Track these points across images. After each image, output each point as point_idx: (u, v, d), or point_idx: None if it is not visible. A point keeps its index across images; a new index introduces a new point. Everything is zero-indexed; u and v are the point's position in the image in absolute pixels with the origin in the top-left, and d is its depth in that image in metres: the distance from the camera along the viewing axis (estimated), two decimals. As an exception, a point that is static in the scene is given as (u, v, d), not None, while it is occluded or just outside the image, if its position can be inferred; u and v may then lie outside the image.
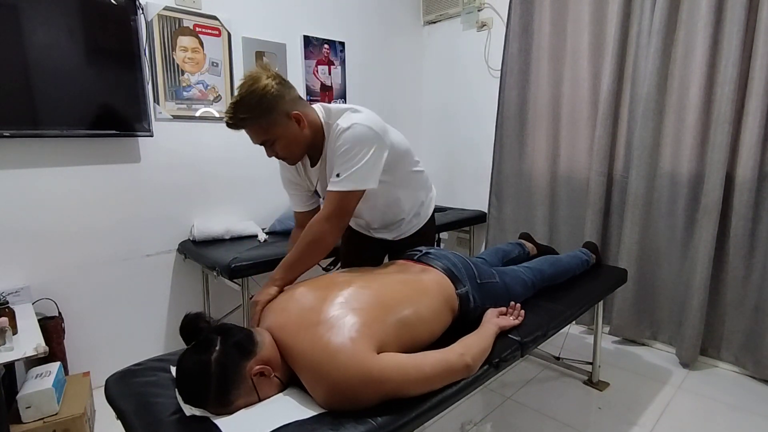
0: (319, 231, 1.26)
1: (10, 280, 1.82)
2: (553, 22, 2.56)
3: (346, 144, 1.22)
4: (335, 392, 0.92)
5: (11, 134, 1.73)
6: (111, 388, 1.10)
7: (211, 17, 2.28)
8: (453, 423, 1.78)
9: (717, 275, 2.13)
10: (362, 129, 1.23)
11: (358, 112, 1.29)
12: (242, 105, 1.18)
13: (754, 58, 1.94)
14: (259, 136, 1.24)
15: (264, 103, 1.18)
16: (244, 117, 1.18)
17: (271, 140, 1.24)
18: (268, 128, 1.22)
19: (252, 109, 1.18)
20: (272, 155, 1.29)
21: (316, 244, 1.26)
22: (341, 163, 1.23)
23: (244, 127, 1.22)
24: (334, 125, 1.27)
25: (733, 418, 1.81)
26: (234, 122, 1.20)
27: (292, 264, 1.27)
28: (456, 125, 3.25)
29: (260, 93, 1.17)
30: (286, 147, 1.27)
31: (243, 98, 1.18)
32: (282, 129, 1.23)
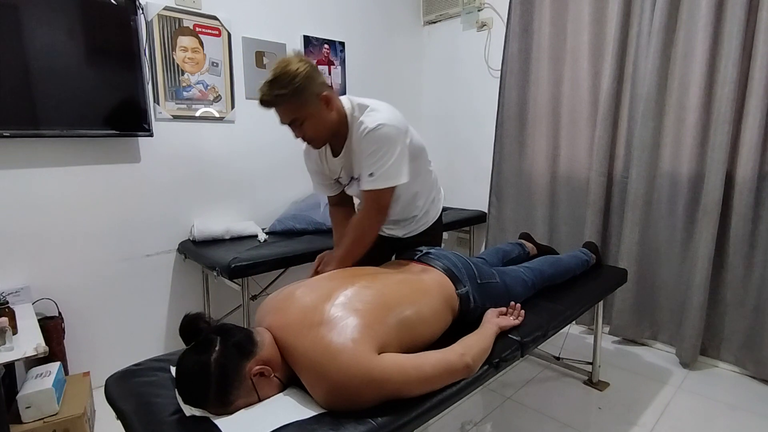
0: (361, 228, 1.40)
1: (10, 280, 1.82)
2: (553, 22, 2.56)
3: (374, 145, 1.31)
4: (336, 392, 0.92)
5: (11, 134, 1.73)
6: (111, 388, 1.10)
7: (211, 17, 2.28)
8: (453, 423, 1.78)
9: (717, 275, 2.13)
10: (388, 129, 1.31)
11: (379, 111, 1.35)
12: (276, 83, 1.23)
13: (754, 58, 1.94)
14: (289, 115, 1.28)
15: (297, 82, 1.23)
16: (278, 94, 1.23)
17: (300, 119, 1.29)
18: (299, 107, 1.26)
19: (285, 87, 1.23)
20: (299, 136, 1.34)
21: (360, 240, 1.40)
22: (372, 162, 1.32)
23: (277, 105, 1.27)
24: (358, 122, 1.34)
25: (733, 418, 1.81)
26: (268, 99, 1.25)
27: (343, 259, 1.39)
28: (456, 125, 3.25)
29: (293, 73, 1.23)
30: (314, 127, 1.31)
31: (277, 77, 1.23)
32: (312, 109, 1.28)
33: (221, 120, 2.39)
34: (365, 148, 1.32)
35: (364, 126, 1.31)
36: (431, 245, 1.64)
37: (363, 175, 1.35)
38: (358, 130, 1.33)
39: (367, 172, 1.33)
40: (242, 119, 2.47)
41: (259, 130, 2.52)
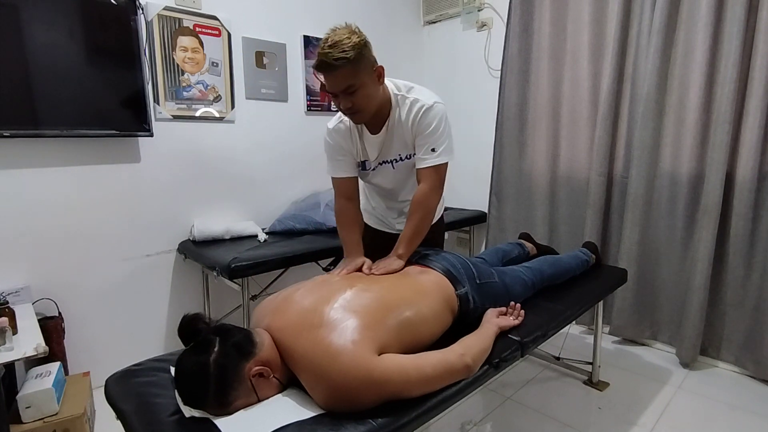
0: (429, 203, 1.42)
1: (10, 280, 1.82)
2: (553, 22, 2.56)
3: (434, 120, 1.36)
4: (336, 393, 0.92)
5: (11, 134, 1.73)
6: (111, 388, 1.10)
7: (211, 17, 2.28)
8: (453, 423, 1.78)
9: (717, 275, 2.13)
10: (442, 107, 1.39)
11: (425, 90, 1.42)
12: (339, 46, 1.21)
13: (754, 58, 1.94)
14: (346, 80, 1.25)
15: (358, 48, 1.22)
16: (340, 57, 1.21)
17: (354, 87, 1.26)
18: (357, 73, 1.25)
19: (347, 51, 1.21)
20: (347, 105, 1.30)
21: (429, 215, 1.44)
22: (435, 138, 1.37)
23: (337, 68, 1.23)
24: (411, 99, 1.38)
25: (733, 418, 1.81)
26: (329, 62, 1.21)
27: (411, 238, 1.40)
28: (456, 125, 3.20)
29: (354, 39, 1.22)
30: (365, 98, 1.30)
31: (340, 41, 1.21)
32: (366, 78, 1.28)
33: (221, 120, 2.39)
34: (424, 124, 1.36)
35: (421, 103, 1.36)
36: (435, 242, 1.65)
37: (423, 153, 1.39)
38: (413, 107, 1.37)
39: (429, 148, 1.37)
40: (242, 119, 2.47)
41: (259, 130, 2.52)
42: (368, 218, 1.78)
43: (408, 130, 1.40)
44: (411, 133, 1.40)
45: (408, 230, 1.41)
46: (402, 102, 1.39)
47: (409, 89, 1.41)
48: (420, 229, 1.41)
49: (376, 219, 1.76)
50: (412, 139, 1.42)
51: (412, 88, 1.41)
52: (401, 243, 1.40)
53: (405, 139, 1.43)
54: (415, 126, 1.38)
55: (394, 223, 1.70)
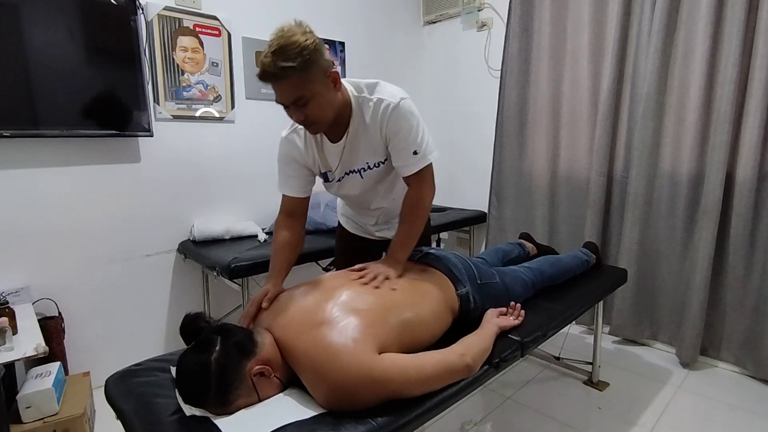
0: (422, 204, 1.33)
1: (10, 280, 1.82)
2: (553, 22, 2.56)
3: (405, 119, 1.23)
4: (336, 393, 0.92)
5: (11, 134, 1.73)
6: (111, 388, 1.10)
7: (211, 17, 2.28)
8: (453, 423, 1.78)
9: (717, 275, 2.13)
10: (409, 102, 1.24)
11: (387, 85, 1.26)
12: (283, 53, 1.05)
13: (754, 59, 1.94)
14: (295, 92, 1.11)
15: (306, 54, 1.07)
16: (285, 66, 1.05)
17: (305, 98, 1.12)
18: (306, 82, 1.10)
19: (292, 58, 1.05)
20: (300, 118, 1.17)
21: (424, 215, 1.35)
22: (412, 140, 1.25)
23: (282, 78, 1.08)
24: (374, 99, 1.23)
25: (733, 418, 1.81)
26: (273, 71, 1.07)
27: (406, 240, 1.32)
28: (456, 125, 3.25)
29: (302, 44, 1.06)
30: (319, 108, 1.15)
31: (284, 47, 1.06)
32: (319, 86, 1.12)
33: (221, 120, 2.39)
34: (396, 126, 1.22)
35: (386, 102, 1.21)
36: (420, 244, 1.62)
37: (405, 158, 1.26)
38: (378, 108, 1.22)
39: (409, 152, 1.25)
40: (242, 119, 2.47)
41: (259, 130, 2.52)
42: (346, 223, 1.68)
43: (376, 135, 1.26)
44: (381, 137, 1.26)
45: (403, 232, 1.33)
46: (364, 104, 1.24)
47: (371, 88, 1.25)
48: (415, 231, 1.33)
49: (354, 224, 1.65)
50: (382, 143, 1.28)
51: (374, 86, 1.25)
52: (397, 247, 1.31)
53: (373, 145, 1.28)
54: (385, 128, 1.24)
55: (372, 230, 1.59)
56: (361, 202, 1.50)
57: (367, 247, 1.63)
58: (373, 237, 1.61)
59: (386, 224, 1.57)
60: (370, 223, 1.58)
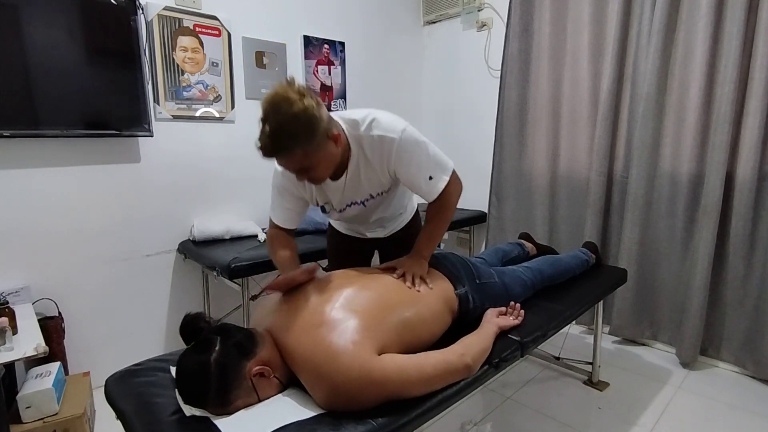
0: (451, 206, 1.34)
1: (10, 280, 1.82)
2: (553, 22, 2.56)
3: (411, 151, 1.22)
4: (336, 393, 0.92)
5: (11, 134, 1.73)
6: (111, 388, 1.10)
7: (211, 17, 2.28)
8: (453, 423, 1.78)
9: (717, 275, 2.13)
10: (410, 132, 1.22)
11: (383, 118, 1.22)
12: (285, 131, 1.03)
13: (754, 58, 1.94)
14: (299, 163, 1.10)
15: (308, 127, 1.04)
16: (287, 146, 1.05)
17: (310, 166, 1.11)
18: (310, 154, 1.08)
19: (296, 136, 1.04)
20: (303, 179, 1.17)
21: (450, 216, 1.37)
22: (425, 167, 1.26)
23: (285, 156, 1.08)
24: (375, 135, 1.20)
25: (733, 418, 1.81)
26: (276, 151, 1.06)
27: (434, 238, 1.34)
28: (456, 125, 3.25)
29: (303, 116, 1.03)
30: (323, 169, 1.15)
31: (284, 124, 1.02)
32: (323, 152, 1.11)
33: (221, 120, 2.39)
34: (405, 160, 1.22)
35: (389, 138, 1.19)
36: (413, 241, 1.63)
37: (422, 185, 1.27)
38: (381, 145, 1.20)
39: (425, 178, 1.26)
40: (242, 119, 2.47)
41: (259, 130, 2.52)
42: (338, 225, 1.67)
43: (380, 169, 1.25)
44: (386, 171, 1.26)
45: (429, 231, 1.35)
46: (364, 140, 1.21)
47: (368, 124, 1.20)
48: (441, 230, 1.37)
49: (346, 226, 1.64)
50: (387, 176, 1.28)
51: (371, 122, 1.20)
52: (423, 245, 1.33)
53: (377, 178, 1.28)
54: (392, 164, 1.23)
55: (365, 231, 1.60)
56: (360, 219, 1.51)
57: (359, 247, 1.64)
58: (365, 236, 1.61)
59: (380, 227, 1.58)
60: (363, 228, 1.59)
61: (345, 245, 1.66)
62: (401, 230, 1.61)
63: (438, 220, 1.36)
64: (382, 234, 1.60)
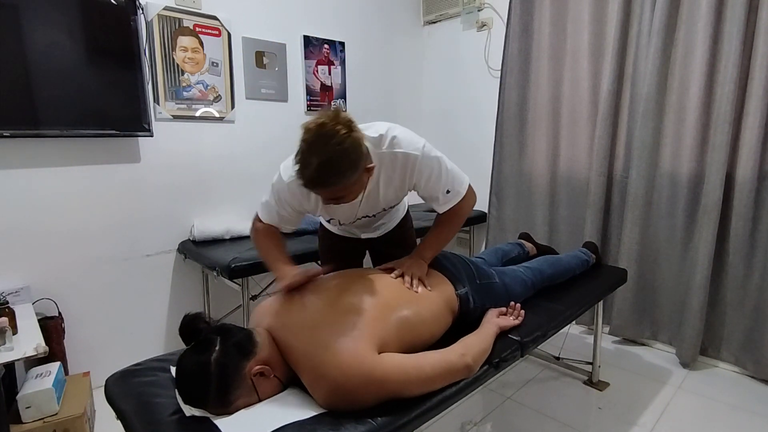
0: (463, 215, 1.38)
1: (10, 280, 1.82)
2: (553, 22, 2.56)
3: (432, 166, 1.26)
4: (336, 392, 0.93)
5: (11, 134, 1.73)
6: (111, 388, 1.10)
7: (211, 17, 2.28)
8: (453, 423, 1.78)
9: (717, 275, 2.13)
10: (429, 148, 1.26)
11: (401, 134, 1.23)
12: (333, 168, 1.00)
13: (754, 58, 1.94)
14: (338, 194, 1.09)
15: (354, 164, 1.04)
16: (333, 181, 1.03)
17: (344, 196, 1.11)
18: (351, 187, 1.09)
19: (343, 173, 1.02)
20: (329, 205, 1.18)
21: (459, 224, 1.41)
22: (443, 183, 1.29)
23: (328, 187, 1.05)
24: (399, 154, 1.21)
25: (733, 418, 1.81)
26: (322, 185, 1.04)
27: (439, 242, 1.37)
28: (456, 125, 3.25)
29: (353, 154, 1.02)
30: (353, 196, 1.15)
31: (333, 160, 1.00)
32: (359, 185, 1.12)
33: (221, 120, 2.39)
34: (426, 174, 1.25)
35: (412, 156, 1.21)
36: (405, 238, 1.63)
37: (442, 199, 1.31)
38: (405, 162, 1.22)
39: (443, 191, 1.30)
40: (242, 119, 2.47)
41: (259, 130, 2.52)
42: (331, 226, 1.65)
43: (400, 185, 1.28)
44: (406, 185, 1.28)
45: (434, 235, 1.36)
46: (385, 158, 1.21)
47: (389, 141, 1.20)
48: (447, 236, 1.38)
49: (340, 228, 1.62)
50: (406, 189, 1.31)
51: (392, 139, 1.20)
52: (428, 246, 1.34)
53: (396, 193, 1.31)
54: (413, 178, 1.26)
55: (358, 233, 1.60)
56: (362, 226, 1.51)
57: (352, 247, 1.64)
58: (358, 237, 1.62)
59: (372, 230, 1.58)
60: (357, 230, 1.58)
61: (338, 245, 1.66)
62: (393, 230, 1.62)
63: (448, 225, 1.38)
64: (376, 235, 1.61)
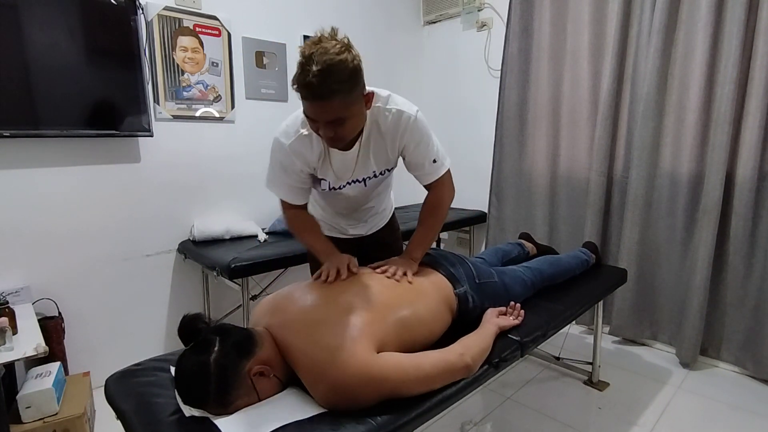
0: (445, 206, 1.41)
1: (10, 280, 1.82)
2: (553, 22, 2.56)
3: (424, 130, 1.27)
4: (335, 391, 0.93)
5: (11, 134, 1.73)
6: (111, 388, 1.10)
7: (211, 17, 2.28)
8: (453, 423, 1.78)
9: (717, 275, 2.13)
10: (422, 116, 1.27)
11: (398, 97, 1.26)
12: (333, 75, 0.98)
13: (754, 58, 1.94)
14: (336, 113, 1.05)
15: (354, 76, 1.02)
16: (334, 88, 1.00)
17: (344, 119, 1.07)
18: (349, 105, 1.05)
19: (345, 82, 1.01)
20: (329, 135, 1.09)
21: (444, 216, 1.42)
22: (431, 149, 1.30)
23: (328, 99, 1.02)
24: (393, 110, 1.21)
25: (733, 418, 1.81)
26: (321, 92, 1.00)
27: (427, 240, 1.38)
28: (456, 125, 3.25)
29: (351, 64, 1.01)
30: (352, 127, 1.11)
31: (333, 67, 0.98)
32: (358, 107, 1.09)
33: (221, 120, 2.39)
34: (416, 137, 1.25)
35: (406, 114, 1.22)
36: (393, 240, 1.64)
37: (427, 167, 1.32)
38: (398, 119, 1.21)
39: (429, 160, 1.31)
40: (242, 119, 2.47)
41: (259, 130, 2.52)
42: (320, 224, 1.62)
43: (391, 143, 1.26)
44: (396, 146, 1.26)
45: (421, 233, 1.39)
46: (380, 114, 1.21)
47: (386, 98, 1.22)
48: (434, 232, 1.41)
49: (326, 225, 1.59)
50: (396, 152, 1.29)
51: (388, 97, 1.23)
52: (417, 245, 1.36)
53: (387, 153, 1.28)
54: (404, 139, 1.24)
55: (347, 228, 1.58)
56: (353, 204, 1.49)
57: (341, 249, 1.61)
58: (346, 235, 1.59)
59: (358, 222, 1.58)
60: (346, 222, 1.57)
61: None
62: (380, 230, 1.63)
63: (432, 220, 1.40)
64: (363, 231, 1.59)
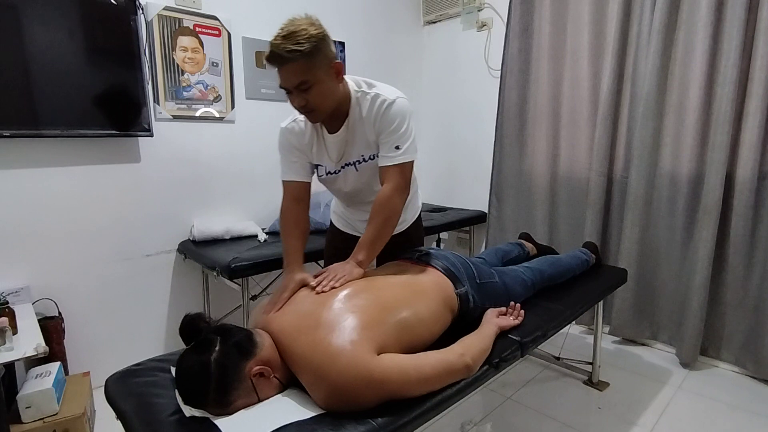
0: (393, 205, 1.31)
1: (10, 280, 1.82)
2: (553, 22, 2.56)
3: (397, 117, 1.28)
4: (336, 394, 0.92)
5: (11, 134, 1.73)
6: (111, 388, 1.10)
7: (211, 17, 2.28)
8: (453, 423, 1.78)
9: (717, 275, 2.13)
10: (405, 102, 1.31)
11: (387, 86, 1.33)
12: (292, 38, 1.12)
13: (754, 59, 1.94)
14: (299, 75, 1.16)
15: (313, 41, 1.14)
16: (293, 49, 1.12)
17: (308, 83, 1.17)
18: (311, 67, 1.16)
19: (301, 43, 1.12)
20: (301, 103, 1.21)
21: (393, 218, 1.32)
22: (398, 136, 1.29)
23: (288, 62, 1.14)
24: (371, 94, 1.30)
25: (733, 418, 1.81)
26: (281, 53, 1.13)
27: (373, 242, 1.30)
28: (456, 125, 3.25)
29: (313, 31, 1.15)
30: (321, 95, 1.20)
31: (293, 32, 1.13)
32: (322, 74, 1.19)
33: (221, 120, 2.39)
34: (387, 121, 1.28)
35: (382, 98, 1.28)
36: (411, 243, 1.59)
37: (387, 150, 1.30)
38: (374, 103, 1.29)
39: (392, 146, 1.29)
40: (242, 119, 2.47)
41: (259, 130, 2.52)
42: (337, 221, 1.69)
43: (370, 128, 1.31)
44: (374, 130, 1.31)
45: (369, 234, 1.30)
46: (362, 99, 1.30)
47: (371, 86, 1.33)
48: (383, 233, 1.31)
49: (345, 222, 1.65)
50: (375, 137, 1.32)
51: (373, 85, 1.33)
52: (361, 248, 1.29)
53: (367, 137, 1.33)
54: (378, 122, 1.29)
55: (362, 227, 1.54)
56: (353, 194, 1.51)
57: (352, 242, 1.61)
58: (356, 233, 1.60)
59: None
60: (360, 218, 1.57)
61: (342, 243, 1.64)
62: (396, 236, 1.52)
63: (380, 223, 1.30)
64: None
